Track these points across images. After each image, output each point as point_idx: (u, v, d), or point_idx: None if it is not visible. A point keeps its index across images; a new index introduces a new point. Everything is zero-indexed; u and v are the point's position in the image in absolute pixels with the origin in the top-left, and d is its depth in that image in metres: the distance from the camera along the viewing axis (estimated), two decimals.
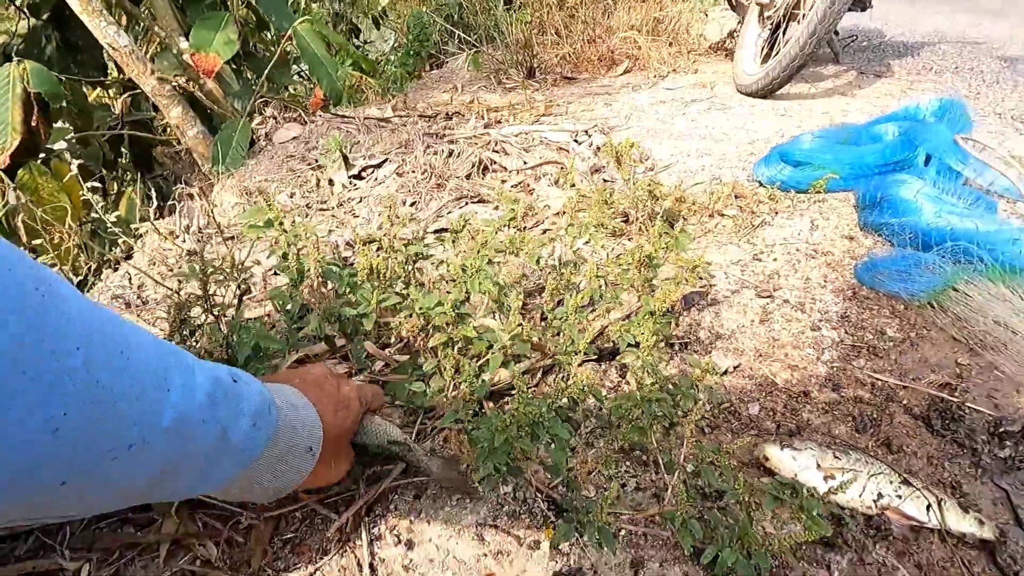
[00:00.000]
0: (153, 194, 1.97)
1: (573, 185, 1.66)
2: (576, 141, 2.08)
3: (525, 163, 1.90)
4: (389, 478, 0.83)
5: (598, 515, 0.66)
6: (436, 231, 1.52)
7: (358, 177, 1.85)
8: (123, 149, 2.78)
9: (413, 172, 1.83)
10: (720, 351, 1.08)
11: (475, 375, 0.84)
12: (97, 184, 2.38)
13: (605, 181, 1.79)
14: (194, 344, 0.90)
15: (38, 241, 1.73)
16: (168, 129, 2.62)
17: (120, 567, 0.76)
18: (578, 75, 3.50)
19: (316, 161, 2.01)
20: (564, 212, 1.55)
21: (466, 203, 1.68)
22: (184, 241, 1.54)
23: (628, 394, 0.77)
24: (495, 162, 1.90)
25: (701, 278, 1.29)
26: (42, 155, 2.13)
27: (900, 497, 0.74)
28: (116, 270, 1.68)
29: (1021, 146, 2.02)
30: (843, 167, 1.67)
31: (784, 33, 2.68)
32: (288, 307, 0.94)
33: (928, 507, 0.73)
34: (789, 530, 0.74)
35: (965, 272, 1.15)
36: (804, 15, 2.47)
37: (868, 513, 0.75)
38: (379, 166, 1.89)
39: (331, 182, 1.81)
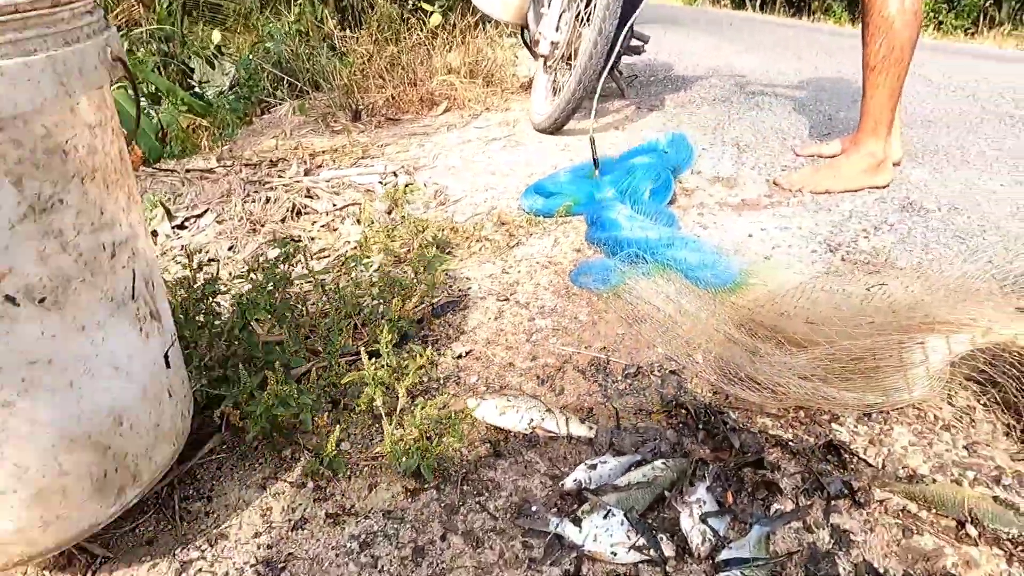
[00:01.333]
0: None
1: (371, 223, 2.01)
2: (381, 183, 2.44)
3: (334, 205, 2.22)
4: (196, 457, 1.13)
5: (326, 452, 1.00)
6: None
7: (181, 227, 2.09)
8: None
9: (232, 219, 2.09)
10: (460, 342, 1.46)
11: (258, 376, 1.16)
12: None
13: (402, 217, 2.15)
14: None
15: None
16: None
17: None
18: (402, 116, 3.84)
19: None
20: (360, 245, 1.90)
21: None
22: None
23: (360, 372, 1.12)
24: (307, 206, 2.21)
25: (461, 290, 1.68)
26: None
27: (543, 419, 1.15)
28: None
29: (726, 169, 2.63)
30: (583, 195, 2.16)
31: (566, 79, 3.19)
32: None
33: (558, 423, 1.14)
34: (473, 450, 1.12)
35: (635, 271, 1.63)
36: (574, 67, 2.99)
37: (525, 432, 1.15)
38: (201, 216, 2.14)
39: (155, 233, 2.04)
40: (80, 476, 0.79)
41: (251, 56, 4.71)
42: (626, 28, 3.43)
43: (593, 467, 1.06)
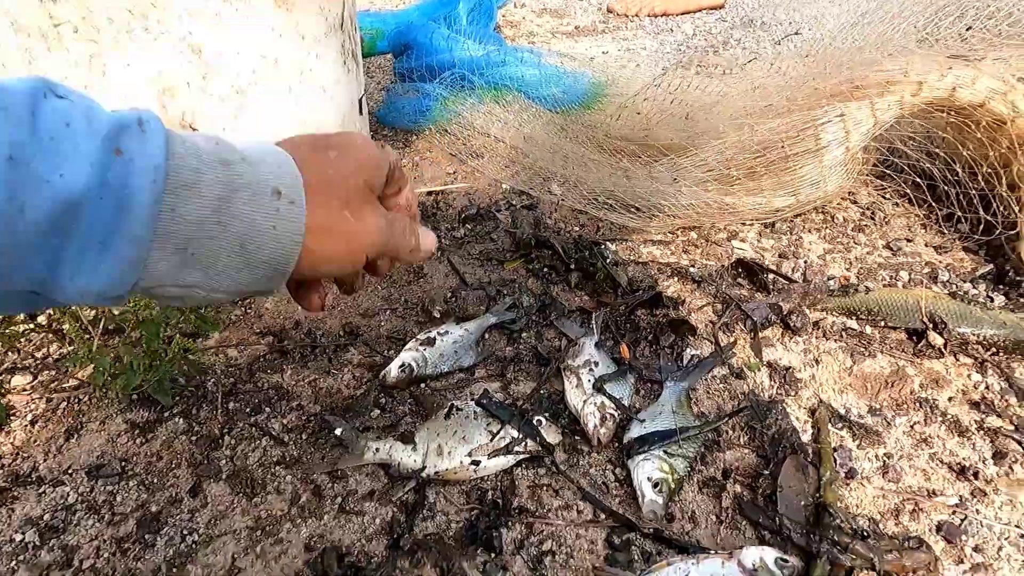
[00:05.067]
0: None
1: None
2: None
3: None
4: None
5: None
6: None
7: None
8: None
9: None
10: None
11: None
12: None
13: None
14: None
15: None
16: None
17: None
18: None
19: None
20: None
21: None
22: None
23: None
24: None
25: None
26: None
27: None
28: None
29: (554, 1, 2.27)
30: (389, 27, 1.70)
31: None
32: None
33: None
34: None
35: (462, 98, 1.25)
36: None
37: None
38: None
39: None
40: None
41: None
42: None
43: (429, 342, 0.71)
